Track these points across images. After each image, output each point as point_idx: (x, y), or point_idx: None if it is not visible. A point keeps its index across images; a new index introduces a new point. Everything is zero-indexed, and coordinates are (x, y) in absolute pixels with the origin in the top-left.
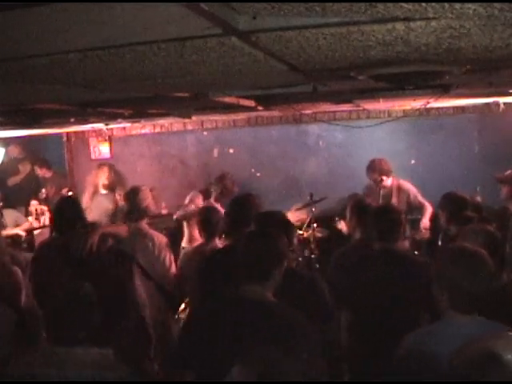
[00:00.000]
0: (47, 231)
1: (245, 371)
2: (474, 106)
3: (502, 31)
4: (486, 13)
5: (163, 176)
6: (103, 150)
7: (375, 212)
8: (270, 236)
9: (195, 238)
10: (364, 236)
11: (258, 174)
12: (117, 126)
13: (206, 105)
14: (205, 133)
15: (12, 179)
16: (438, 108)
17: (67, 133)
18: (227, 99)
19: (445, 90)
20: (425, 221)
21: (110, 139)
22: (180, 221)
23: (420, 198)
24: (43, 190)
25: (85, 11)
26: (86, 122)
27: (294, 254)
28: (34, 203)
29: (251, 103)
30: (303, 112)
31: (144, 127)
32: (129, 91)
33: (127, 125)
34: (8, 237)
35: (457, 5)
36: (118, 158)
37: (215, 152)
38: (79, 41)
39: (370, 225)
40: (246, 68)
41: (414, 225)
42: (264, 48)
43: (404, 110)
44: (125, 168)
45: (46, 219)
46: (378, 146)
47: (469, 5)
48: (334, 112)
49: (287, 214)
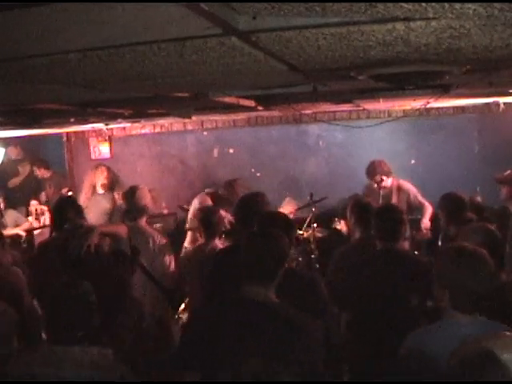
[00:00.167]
0: (47, 231)
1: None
2: (474, 106)
3: (502, 31)
4: (486, 13)
5: (163, 176)
6: (103, 150)
7: (377, 211)
8: (273, 237)
9: (198, 239)
10: (364, 235)
11: (258, 174)
12: (117, 126)
13: (206, 105)
14: (205, 133)
15: (12, 181)
16: (438, 108)
17: (67, 133)
18: (227, 99)
19: (445, 90)
20: (425, 221)
21: (110, 139)
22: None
23: (420, 198)
24: (43, 193)
25: (85, 11)
26: (86, 122)
27: (295, 254)
28: (34, 203)
29: (251, 103)
30: (303, 112)
31: (144, 127)
32: (129, 91)
33: (127, 125)
34: (8, 237)
35: (457, 5)
36: (118, 158)
37: (215, 152)
38: (79, 41)
39: (372, 224)
40: (246, 68)
41: (414, 225)
42: (264, 48)
43: (404, 110)
44: (125, 168)
45: (46, 219)
46: (378, 146)
47: (469, 5)
48: (334, 112)
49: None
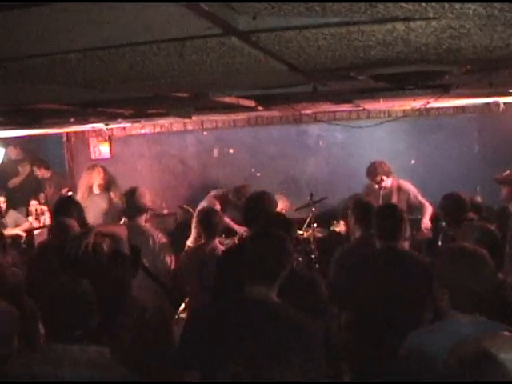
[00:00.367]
0: (47, 231)
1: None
2: (474, 106)
3: (502, 31)
4: (486, 13)
5: (163, 176)
6: (103, 150)
7: (377, 211)
8: (276, 237)
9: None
10: (365, 234)
11: (258, 174)
12: (117, 126)
13: (206, 105)
14: (205, 133)
15: (12, 181)
16: (438, 108)
17: (67, 133)
18: (227, 99)
19: (445, 90)
20: (425, 221)
21: (110, 139)
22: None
23: (420, 198)
24: (42, 194)
25: (85, 11)
26: (86, 122)
27: (295, 254)
28: (34, 203)
29: (251, 103)
30: (303, 112)
31: (144, 127)
32: (129, 91)
33: (127, 125)
34: (8, 237)
35: (457, 5)
36: (118, 158)
37: (215, 152)
38: (79, 41)
39: (372, 223)
40: (246, 68)
41: (414, 225)
42: (264, 48)
43: (404, 110)
44: (125, 168)
45: (46, 219)
46: (378, 146)
47: (469, 5)
48: (334, 112)
49: None
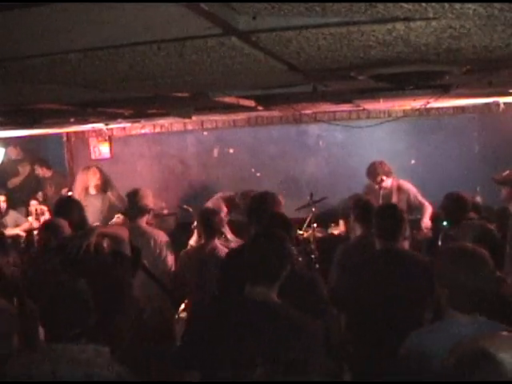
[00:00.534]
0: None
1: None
2: (474, 106)
3: (502, 31)
4: (486, 13)
5: (163, 176)
6: (103, 150)
7: (377, 211)
8: (277, 238)
9: None
10: (365, 233)
11: (258, 174)
12: (117, 126)
13: (206, 105)
14: (205, 133)
15: (12, 181)
16: (438, 108)
17: (67, 133)
18: (227, 99)
19: (445, 90)
20: (425, 220)
21: (110, 139)
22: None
23: (420, 198)
24: (40, 193)
25: (85, 11)
26: (86, 122)
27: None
28: (34, 203)
29: (251, 103)
30: (303, 112)
31: (144, 127)
32: (129, 91)
33: (127, 125)
34: (9, 237)
35: (457, 5)
36: (118, 158)
37: (215, 152)
38: (79, 41)
39: (373, 223)
40: (246, 68)
41: (414, 225)
42: (264, 48)
43: (404, 110)
44: (125, 168)
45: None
46: (378, 146)
47: (469, 5)
48: (334, 112)
49: None
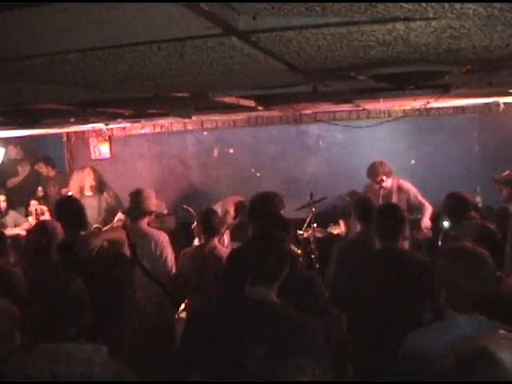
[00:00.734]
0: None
1: None
2: (474, 106)
3: (502, 31)
4: (486, 13)
5: (163, 176)
6: (103, 150)
7: (378, 210)
8: (275, 238)
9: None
10: (365, 229)
11: (258, 174)
12: (117, 126)
13: (206, 105)
14: (205, 133)
15: (11, 180)
16: (438, 108)
17: (67, 133)
18: (227, 99)
19: (445, 90)
20: (425, 220)
21: (110, 139)
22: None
23: (420, 198)
24: (40, 188)
25: (85, 11)
26: (86, 122)
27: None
28: (34, 203)
29: (251, 103)
30: (303, 112)
31: (144, 127)
32: (129, 91)
33: (127, 125)
34: (9, 237)
35: (457, 5)
36: (118, 158)
37: (215, 152)
38: (79, 41)
39: (372, 222)
40: (246, 68)
41: (414, 225)
42: (264, 48)
43: (404, 110)
44: (125, 168)
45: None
46: (378, 146)
47: (469, 5)
48: (334, 112)
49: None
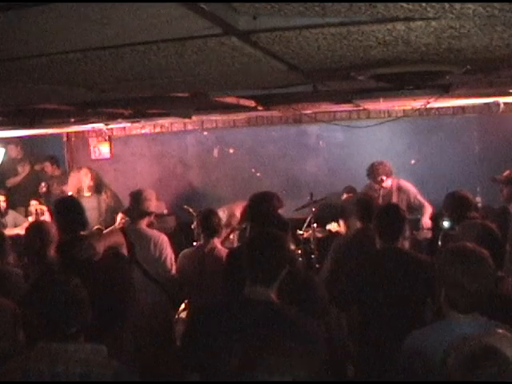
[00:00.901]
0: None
1: None
2: (474, 106)
3: (502, 31)
4: (486, 13)
5: (163, 176)
6: (103, 150)
7: (378, 210)
8: (276, 237)
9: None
10: (364, 226)
11: (258, 174)
12: (117, 126)
13: (206, 105)
14: (205, 133)
15: (10, 180)
16: (438, 108)
17: (67, 133)
18: (227, 99)
19: (445, 90)
20: (425, 220)
21: (110, 139)
22: None
23: (420, 198)
24: (43, 184)
25: (85, 11)
26: (86, 122)
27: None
28: (34, 203)
29: (251, 103)
30: (303, 112)
31: (144, 127)
32: (129, 91)
33: (127, 125)
34: (8, 237)
35: (457, 5)
36: (118, 158)
37: (215, 152)
38: (79, 41)
39: (371, 220)
40: (246, 68)
41: (414, 225)
42: (264, 48)
43: (404, 110)
44: (125, 168)
45: (46, 219)
46: (378, 146)
47: (469, 5)
48: (334, 112)
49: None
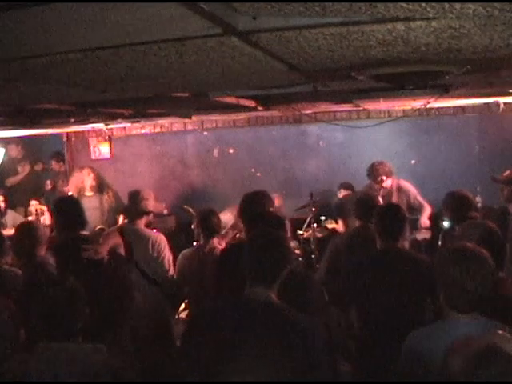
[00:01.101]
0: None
1: None
2: (474, 106)
3: (502, 31)
4: (486, 13)
5: (163, 176)
6: (103, 150)
7: (379, 210)
8: (276, 237)
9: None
10: (363, 224)
11: (258, 174)
12: (117, 126)
13: (206, 105)
14: (205, 133)
15: (10, 180)
16: (438, 108)
17: (67, 133)
18: (227, 99)
19: (445, 90)
20: (424, 219)
21: (110, 139)
22: None
23: (420, 198)
24: (49, 181)
25: (85, 11)
26: (86, 122)
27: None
28: (34, 203)
29: (251, 103)
30: (303, 112)
31: (144, 127)
32: (129, 91)
33: (127, 125)
34: (8, 237)
35: (457, 5)
36: (118, 158)
37: (215, 152)
38: (79, 41)
39: (373, 223)
40: (246, 68)
41: (414, 225)
42: (264, 48)
43: (404, 110)
44: (125, 168)
45: (46, 219)
46: (378, 146)
47: (469, 5)
48: (334, 112)
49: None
